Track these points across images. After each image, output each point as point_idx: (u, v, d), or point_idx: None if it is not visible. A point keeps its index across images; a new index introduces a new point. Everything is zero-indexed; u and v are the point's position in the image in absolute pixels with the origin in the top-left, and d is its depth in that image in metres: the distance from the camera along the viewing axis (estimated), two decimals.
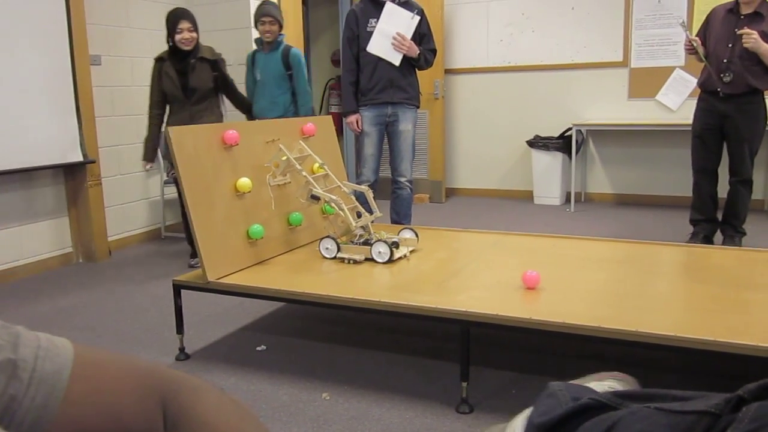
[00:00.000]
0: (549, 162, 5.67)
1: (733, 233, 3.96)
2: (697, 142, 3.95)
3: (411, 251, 2.76)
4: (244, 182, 2.66)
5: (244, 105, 4.15)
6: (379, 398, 2.18)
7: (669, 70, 5.41)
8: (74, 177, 4.12)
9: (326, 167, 2.90)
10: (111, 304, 3.32)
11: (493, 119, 6.14)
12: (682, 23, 3.98)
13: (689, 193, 4.13)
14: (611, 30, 5.58)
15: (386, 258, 2.61)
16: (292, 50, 4.04)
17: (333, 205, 2.74)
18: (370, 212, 2.83)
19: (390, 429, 1.99)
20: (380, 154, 4.01)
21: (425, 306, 2.10)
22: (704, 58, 3.78)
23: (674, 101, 5.42)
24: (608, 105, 5.68)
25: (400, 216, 3.99)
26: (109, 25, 4.36)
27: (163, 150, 4.12)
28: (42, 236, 4.00)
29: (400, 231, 2.90)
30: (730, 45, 3.69)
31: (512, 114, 6.04)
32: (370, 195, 2.88)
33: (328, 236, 2.74)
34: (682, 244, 3.20)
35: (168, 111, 3.83)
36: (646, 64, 5.50)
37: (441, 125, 6.05)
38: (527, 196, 5.96)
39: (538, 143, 5.69)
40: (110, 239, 4.34)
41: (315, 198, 2.73)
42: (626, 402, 0.57)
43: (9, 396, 0.52)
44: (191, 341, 2.71)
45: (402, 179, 3.97)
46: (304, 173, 2.75)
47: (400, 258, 2.67)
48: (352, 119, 3.93)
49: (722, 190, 4.00)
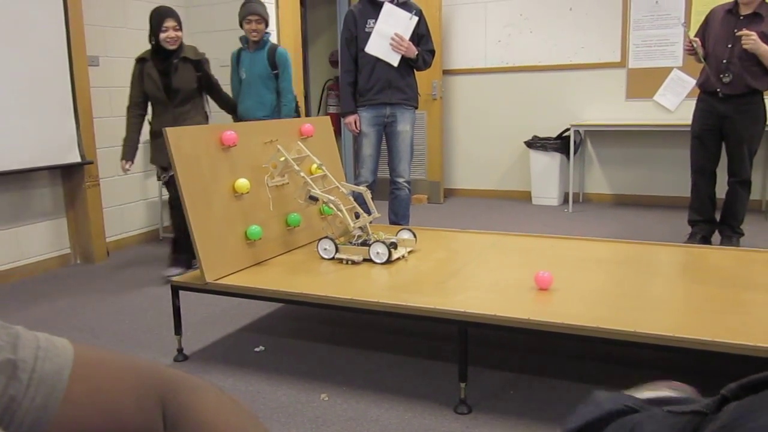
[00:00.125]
0: (547, 162, 5.68)
1: (731, 234, 3.96)
2: (696, 143, 3.95)
3: (409, 252, 2.76)
4: (243, 183, 2.66)
5: (229, 105, 4.06)
6: (378, 399, 2.18)
7: (667, 71, 5.42)
8: (72, 178, 4.12)
9: (324, 168, 2.90)
10: (109, 305, 3.31)
11: (491, 120, 6.14)
12: (683, 24, 3.98)
13: (687, 194, 4.14)
14: (609, 31, 5.59)
15: (384, 259, 2.61)
16: (279, 49, 3.98)
17: (331, 206, 2.74)
18: (369, 213, 2.83)
19: (388, 430, 1.99)
20: (378, 155, 4.01)
21: (423, 307, 2.10)
22: (703, 59, 3.79)
23: (672, 102, 5.43)
24: (606, 105, 5.69)
25: (399, 217, 3.99)
26: (107, 26, 4.36)
27: (155, 155, 3.79)
28: (40, 237, 3.99)
29: (399, 232, 2.90)
30: (730, 45, 3.69)
31: (510, 114, 6.04)
32: (369, 196, 2.88)
33: (327, 237, 2.74)
34: (681, 245, 3.20)
35: (151, 114, 3.74)
36: (644, 65, 5.50)
37: (439, 126, 6.05)
38: (525, 197, 5.96)
39: (536, 144, 5.70)
40: (108, 240, 4.33)
41: (313, 199, 2.73)
42: (653, 407, 0.57)
43: (9, 397, 0.52)
44: (189, 342, 2.70)
45: (400, 180, 3.97)
46: (303, 174, 2.75)
47: (399, 259, 2.67)
48: (351, 120, 3.92)
49: (720, 191, 4.00)
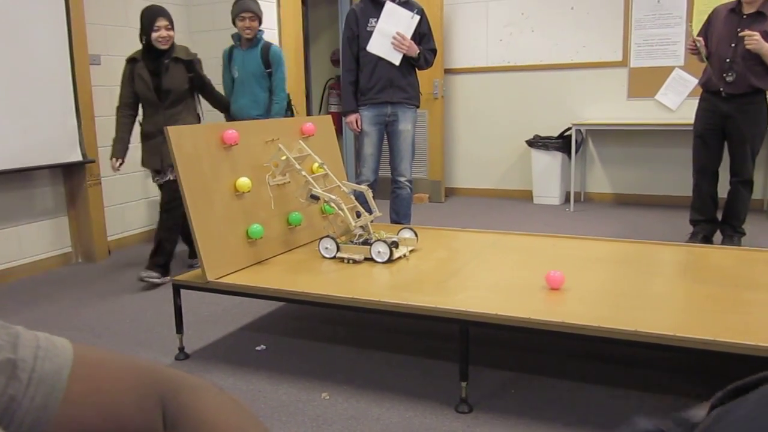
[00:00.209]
0: (548, 162, 5.67)
1: (733, 233, 3.95)
2: (699, 142, 3.94)
3: (410, 251, 2.76)
4: (244, 182, 2.66)
5: (222, 104, 3.99)
6: (379, 398, 2.18)
7: (668, 70, 5.41)
8: (73, 177, 4.12)
9: (326, 167, 2.90)
10: (110, 304, 3.32)
11: (493, 119, 6.14)
12: (689, 23, 3.97)
13: (689, 193, 4.13)
14: (611, 30, 5.58)
15: (386, 258, 2.61)
16: (272, 47, 3.92)
17: (332, 205, 2.74)
18: (370, 212, 2.83)
19: (389, 429, 1.99)
20: (380, 154, 4.01)
21: (424, 306, 2.10)
22: (705, 59, 3.78)
23: (673, 101, 5.43)
24: (608, 105, 5.68)
25: (400, 216, 3.99)
26: (108, 25, 4.36)
27: (146, 158, 3.69)
28: (41, 236, 4.00)
29: (400, 231, 2.90)
30: (733, 45, 3.68)
31: (512, 114, 6.04)
32: (370, 195, 2.88)
33: (328, 236, 2.73)
34: (682, 244, 3.20)
35: (142, 115, 3.66)
36: (646, 64, 5.49)
37: (440, 125, 6.05)
38: (527, 196, 5.95)
39: (538, 143, 5.69)
40: (109, 239, 4.34)
41: (314, 198, 2.73)
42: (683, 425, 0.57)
43: (8, 396, 0.52)
44: (190, 341, 2.70)
45: (401, 179, 3.96)
46: (304, 173, 2.75)
47: (400, 258, 2.67)
48: (352, 119, 3.92)
49: (722, 191, 4.00)
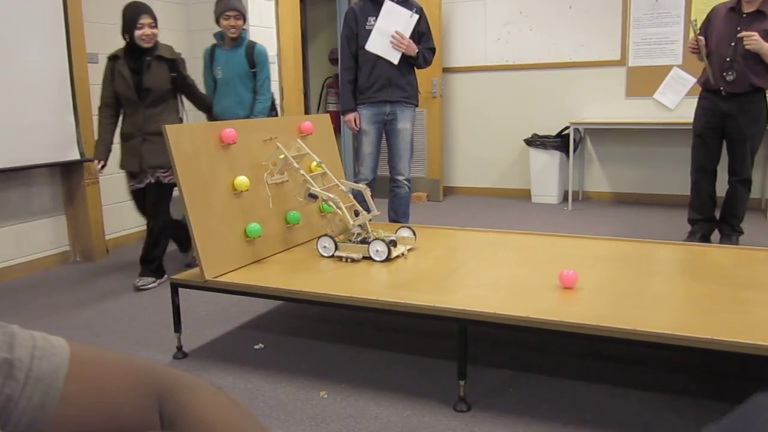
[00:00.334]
0: (547, 160, 5.67)
1: (731, 232, 3.96)
2: (698, 141, 3.94)
3: (409, 250, 2.76)
4: (242, 181, 2.65)
5: (205, 104, 3.88)
6: (377, 396, 2.18)
7: (667, 69, 5.42)
8: (71, 175, 4.11)
9: (324, 166, 2.89)
10: (108, 303, 3.31)
11: (491, 118, 6.14)
12: (693, 22, 3.95)
13: (687, 192, 4.13)
14: (609, 28, 5.58)
15: (384, 256, 2.61)
16: (257, 46, 3.82)
17: (331, 204, 2.74)
18: (368, 211, 2.83)
19: (387, 427, 1.99)
20: (378, 153, 4.00)
21: (423, 304, 2.10)
22: (705, 58, 3.78)
23: (672, 100, 5.43)
24: (606, 104, 5.68)
25: (398, 214, 3.99)
26: (106, 23, 4.34)
27: (124, 160, 3.60)
28: (39, 235, 3.99)
29: (398, 229, 2.90)
30: (733, 44, 3.67)
31: (510, 112, 6.04)
32: (368, 193, 2.87)
33: (326, 235, 2.73)
34: (680, 243, 3.20)
35: (122, 114, 3.55)
36: (644, 63, 5.50)
37: (439, 124, 6.05)
38: (525, 195, 5.96)
39: (536, 142, 5.69)
40: (107, 237, 4.33)
41: (313, 196, 2.73)
42: None
43: (5, 396, 0.52)
44: (189, 340, 2.70)
45: (400, 178, 3.96)
46: (302, 171, 2.74)
47: (398, 256, 2.67)
48: (350, 117, 3.92)
49: (720, 189, 4.00)
